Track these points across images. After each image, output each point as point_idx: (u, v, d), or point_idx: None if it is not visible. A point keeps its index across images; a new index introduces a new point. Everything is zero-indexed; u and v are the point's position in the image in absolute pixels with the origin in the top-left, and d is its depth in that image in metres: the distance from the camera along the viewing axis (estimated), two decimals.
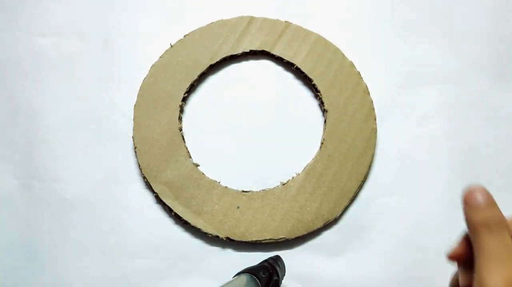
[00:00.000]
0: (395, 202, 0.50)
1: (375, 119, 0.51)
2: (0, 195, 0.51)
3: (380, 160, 0.51)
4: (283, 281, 0.44)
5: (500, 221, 0.30)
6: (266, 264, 0.43)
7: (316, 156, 0.50)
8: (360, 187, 0.50)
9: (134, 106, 0.51)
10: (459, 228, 0.49)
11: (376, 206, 0.50)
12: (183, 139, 0.51)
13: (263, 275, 0.40)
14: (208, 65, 0.52)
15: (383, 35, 0.54)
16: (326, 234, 0.49)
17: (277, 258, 0.44)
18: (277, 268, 0.43)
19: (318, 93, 0.51)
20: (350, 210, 0.50)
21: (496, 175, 0.50)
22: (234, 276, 0.41)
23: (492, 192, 0.49)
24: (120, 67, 0.53)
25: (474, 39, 0.54)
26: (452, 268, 0.48)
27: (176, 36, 0.53)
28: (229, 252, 0.49)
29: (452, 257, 0.34)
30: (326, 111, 0.51)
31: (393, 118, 0.52)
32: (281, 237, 0.48)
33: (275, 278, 0.41)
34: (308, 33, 0.53)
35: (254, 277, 0.40)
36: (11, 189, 0.51)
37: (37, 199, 0.50)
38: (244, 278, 0.39)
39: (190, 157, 0.50)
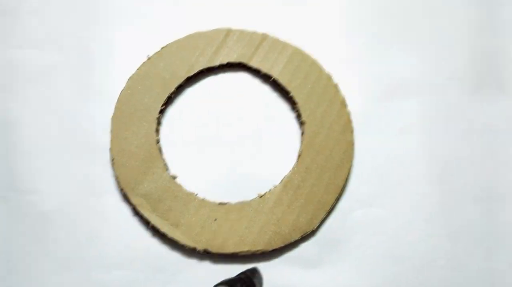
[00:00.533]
0: (373, 214, 0.50)
1: (352, 131, 0.51)
2: None
3: (357, 172, 0.51)
4: None
5: None
6: (243, 276, 0.42)
7: (293, 168, 0.50)
8: (338, 199, 0.50)
9: (112, 118, 0.51)
10: (437, 240, 0.49)
11: (353, 218, 0.50)
12: (160, 151, 0.50)
13: None
14: (185, 77, 0.52)
15: (361, 48, 0.54)
16: (304, 246, 0.49)
17: (254, 270, 0.44)
18: (255, 280, 0.42)
19: (296, 106, 0.51)
20: (328, 222, 0.50)
21: (473, 187, 0.51)
22: None
23: (468, 204, 0.50)
24: (98, 79, 0.53)
25: (449, 51, 0.54)
26: (429, 279, 0.48)
27: (153, 48, 0.53)
28: (207, 264, 0.49)
29: None
30: (304, 123, 0.51)
31: (371, 131, 0.52)
32: (259, 249, 0.48)
33: None
34: (285, 45, 0.53)
35: None
36: None
37: (14, 211, 0.50)
38: None
39: (168, 169, 0.50)
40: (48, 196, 0.50)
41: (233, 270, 0.48)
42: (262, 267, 0.48)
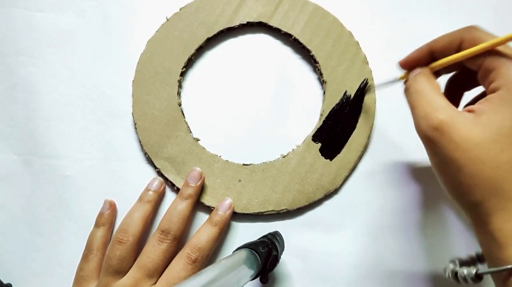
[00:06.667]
0: (393, 175, 0.50)
1: (374, 89, 0.50)
2: (0, 171, 0.51)
3: (379, 130, 0.51)
4: (282, 256, 0.45)
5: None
6: (265, 239, 0.43)
7: (315, 127, 0.50)
8: (360, 157, 0.50)
9: (133, 82, 0.51)
10: None
11: (375, 178, 0.50)
12: (183, 114, 0.51)
13: (262, 250, 0.41)
14: (205, 38, 0.51)
15: (381, 5, 0.54)
16: (327, 205, 0.50)
17: (276, 234, 0.45)
18: (276, 243, 0.43)
19: (317, 65, 0.51)
20: (350, 181, 0.50)
21: None
22: (234, 251, 0.41)
23: None
24: (118, 42, 0.53)
25: (473, 14, 0.53)
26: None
27: (171, 9, 0.52)
28: (232, 224, 0.49)
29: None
30: (325, 82, 0.50)
31: (391, 90, 0.51)
32: (283, 208, 0.48)
33: (274, 253, 0.41)
34: (305, 3, 0.52)
35: (254, 252, 0.40)
36: (12, 165, 0.51)
37: (37, 175, 0.51)
38: (243, 253, 0.40)
39: (191, 132, 0.50)
40: (71, 161, 0.51)
41: (258, 229, 0.49)
42: (286, 226, 0.49)
